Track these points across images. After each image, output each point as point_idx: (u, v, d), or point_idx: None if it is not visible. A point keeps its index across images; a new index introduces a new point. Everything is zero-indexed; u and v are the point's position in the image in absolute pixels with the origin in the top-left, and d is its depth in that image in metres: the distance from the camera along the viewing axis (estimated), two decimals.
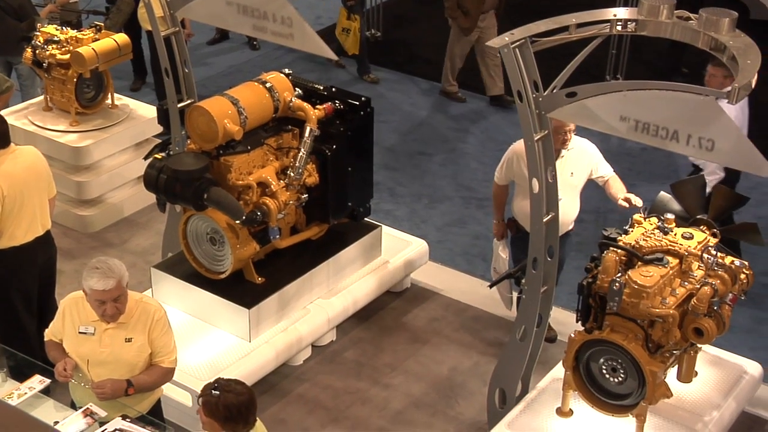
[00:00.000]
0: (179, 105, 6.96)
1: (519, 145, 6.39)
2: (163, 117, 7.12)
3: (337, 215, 7.06)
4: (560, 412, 5.94)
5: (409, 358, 7.04)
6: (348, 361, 7.02)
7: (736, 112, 6.86)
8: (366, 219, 7.35)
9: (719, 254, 5.71)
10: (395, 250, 7.59)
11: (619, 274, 5.53)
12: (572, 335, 5.73)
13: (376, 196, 7.57)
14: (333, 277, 7.15)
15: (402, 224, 8.49)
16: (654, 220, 5.92)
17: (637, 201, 6.38)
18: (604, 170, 6.70)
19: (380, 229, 7.49)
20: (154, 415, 5.25)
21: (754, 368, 6.39)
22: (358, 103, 6.93)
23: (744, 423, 6.36)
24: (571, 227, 6.77)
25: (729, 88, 4.70)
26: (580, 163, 6.58)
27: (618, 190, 6.62)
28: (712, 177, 7.02)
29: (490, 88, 10.64)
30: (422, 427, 6.44)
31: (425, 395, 6.71)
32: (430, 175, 9.49)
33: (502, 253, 6.95)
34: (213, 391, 4.51)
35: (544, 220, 5.63)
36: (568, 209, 6.55)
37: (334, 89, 7.02)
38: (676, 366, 5.98)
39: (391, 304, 7.59)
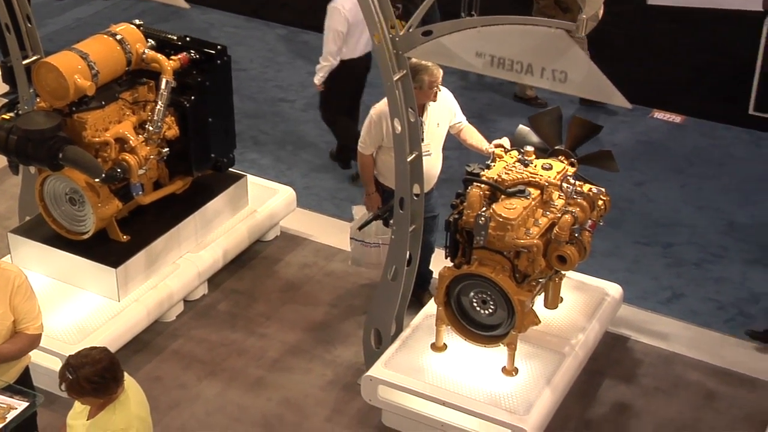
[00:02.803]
0: (24, 62, 6.67)
1: (380, 106, 6.35)
2: (8, 75, 6.83)
3: (200, 167, 6.94)
4: (435, 347, 6.06)
5: (283, 306, 7.04)
6: (222, 314, 6.97)
7: None
8: (230, 169, 7.25)
9: (577, 183, 5.89)
10: (262, 199, 7.54)
11: (484, 209, 5.65)
12: (442, 271, 5.84)
13: (239, 146, 7.46)
14: (201, 230, 7.05)
15: (268, 172, 8.42)
16: (514, 153, 6.05)
17: (506, 142, 6.33)
18: (460, 116, 6.63)
19: (246, 179, 7.41)
20: (23, 383, 5.09)
21: (614, 290, 6.67)
22: (214, 51, 6.78)
23: (608, 342, 6.64)
24: (435, 182, 6.63)
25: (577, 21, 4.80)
26: (443, 112, 6.51)
27: (479, 139, 6.50)
28: None
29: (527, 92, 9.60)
30: (300, 373, 6.47)
31: (301, 341, 6.74)
32: (292, 121, 9.41)
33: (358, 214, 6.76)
34: (68, 375, 4.37)
35: (408, 159, 5.67)
36: (436, 162, 6.52)
37: (188, 38, 6.85)
38: (543, 294, 6.18)
39: (261, 253, 7.55)
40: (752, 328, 6.62)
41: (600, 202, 5.94)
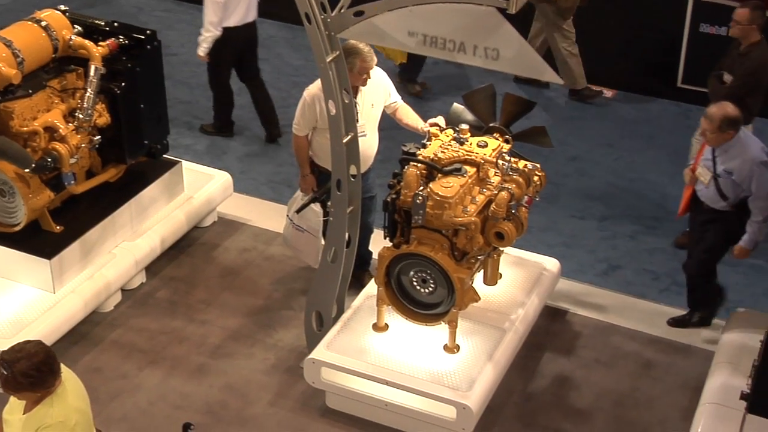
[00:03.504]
0: None
1: (312, 88, 6.31)
2: None
3: (133, 154, 6.84)
4: (376, 327, 6.08)
5: (223, 292, 6.99)
6: (161, 302, 6.90)
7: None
8: (165, 156, 7.16)
9: (513, 159, 5.94)
10: (198, 185, 7.46)
11: (421, 188, 5.66)
12: (381, 252, 5.85)
13: (173, 131, 7.38)
14: (136, 218, 6.96)
15: (203, 158, 8.33)
16: (450, 131, 6.07)
17: (441, 121, 6.30)
18: (395, 96, 6.61)
19: (180, 165, 7.33)
20: None
21: (552, 264, 6.75)
22: (143, 37, 6.68)
23: (547, 316, 6.73)
24: (372, 162, 6.63)
25: None
26: (377, 92, 6.49)
27: (414, 119, 6.50)
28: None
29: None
30: (242, 358, 6.44)
31: (243, 326, 6.70)
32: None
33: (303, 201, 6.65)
34: (3, 370, 4.29)
35: (344, 140, 5.65)
36: (372, 142, 6.51)
37: (116, 24, 6.73)
38: (482, 271, 6.24)
39: (199, 239, 7.48)
40: (672, 318, 6.76)
41: (535, 178, 6.00)
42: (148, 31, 6.72)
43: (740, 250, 6.33)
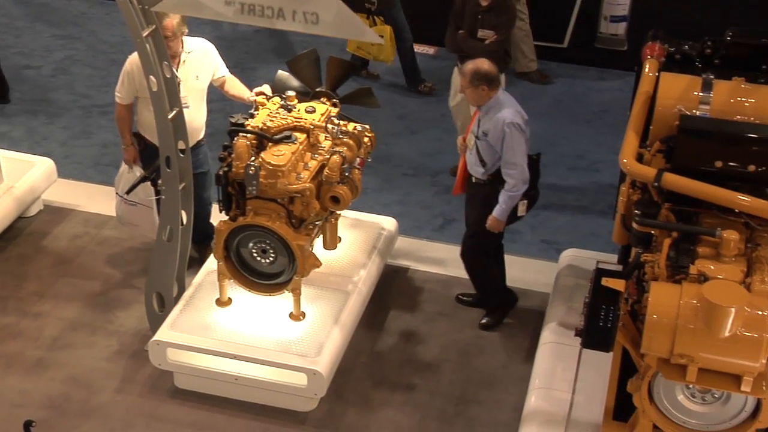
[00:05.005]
0: None
1: (135, 56, 6.11)
2: None
3: None
4: (219, 302, 6.01)
5: (57, 282, 6.74)
6: None
7: None
8: None
9: (342, 122, 5.95)
10: (19, 174, 7.14)
11: (253, 158, 5.61)
12: (218, 226, 5.77)
13: None
14: None
15: (21, 145, 7.98)
16: (277, 99, 6.02)
17: (267, 89, 6.24)
18: (223, 70, 6.49)
19: None
20: None
21: (389, 223, 6.84)
22: None
23: (388, 275, 6.83)
24: (202, 136, 6.53)
25: None
26: (204, 64, 6.36)
27: (241, 89, 6.42)
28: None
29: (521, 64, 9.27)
30: (83, 347, 6.24)
31: (81, 315, 6.49)
32: (41, 88, 8.93)
33: (129, 176, 6.49)
34: None
35: (169, 116, 5.52)
36: (198, 115, 6.38)
37: None
38: (321, 236, 6.25)
39: (26, 229, 7.18)
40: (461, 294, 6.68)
41: (366, 139, 6.04)
42: None
43: (492, 220, 6.07)
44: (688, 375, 4.52)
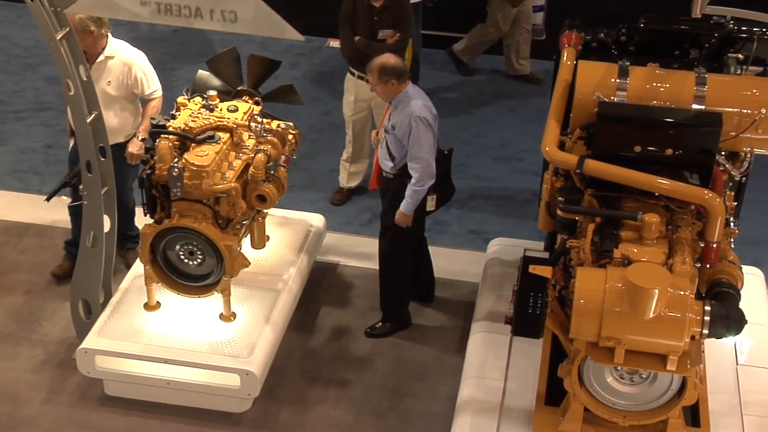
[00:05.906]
0: None
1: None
2: None
3: None
4: (148, 307, 5.93)
5: None
6: None
7: None
8: None
9: (265, 120, 5.92)
10: None
11: (176, 160, 5.54)
12: (143, 229, 5.69)
13: None
14: None
15: None
16: (198, 99, 5.96)
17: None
18: (149, 90, 6.33)
19: None
20: None
21: (317, 220, 6.83)
22: None
23: (319, 271, 6.82)
24: (122, 139, 6.35)
25: None
26: (120, 75, 6.21)
27: (144, 116, 6.32)
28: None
29: (515, 67, 9.32)
30: (7, 359, 6.10)
31: (3, 326, 6.34)
32: None
33: None
34: None
35: (88, 120, 5.42)
36: (113, 119, 6.20)
37: None
38: (249, 235, 6.21)
39: None
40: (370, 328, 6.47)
41: (290, 137, 6.02)
42: None
43: (399, 215, 6.01)
44: (615, 357, 4.60)
